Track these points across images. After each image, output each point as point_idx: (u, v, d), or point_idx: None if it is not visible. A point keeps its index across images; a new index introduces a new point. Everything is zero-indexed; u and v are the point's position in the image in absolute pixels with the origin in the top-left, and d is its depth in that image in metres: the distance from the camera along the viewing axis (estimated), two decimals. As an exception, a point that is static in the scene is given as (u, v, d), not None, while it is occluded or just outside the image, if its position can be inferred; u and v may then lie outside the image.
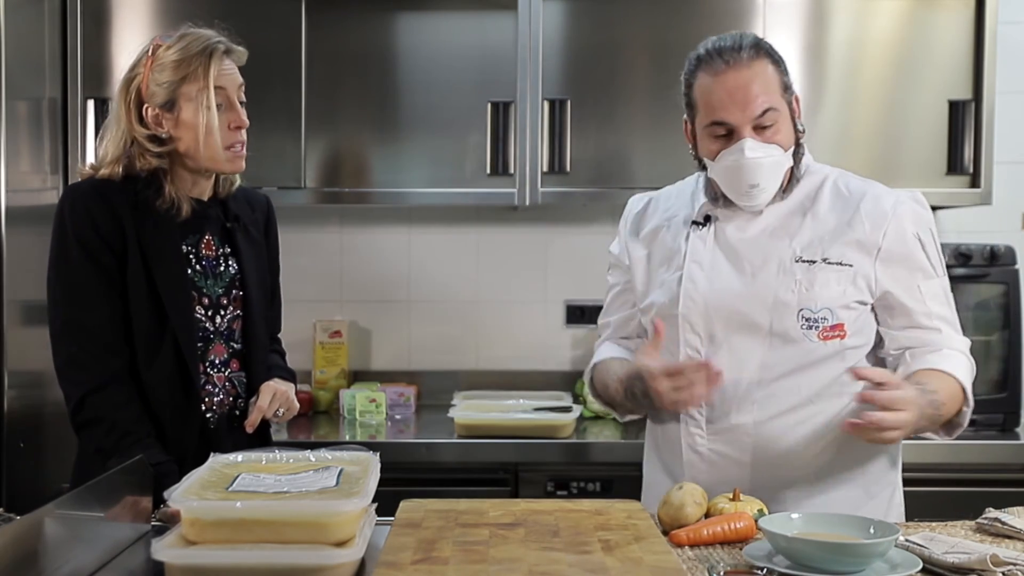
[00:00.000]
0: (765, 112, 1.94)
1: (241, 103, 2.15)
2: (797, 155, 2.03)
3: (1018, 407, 3.02)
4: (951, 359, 1.98)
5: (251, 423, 2.14)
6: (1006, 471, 2.83)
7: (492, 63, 3.12)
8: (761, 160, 1.94)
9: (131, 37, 3.09)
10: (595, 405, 3.22)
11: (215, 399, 2.16)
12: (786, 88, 1.99)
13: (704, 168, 2.04)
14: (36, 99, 2.95)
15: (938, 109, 3.12)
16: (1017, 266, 3.03)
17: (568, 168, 3.13)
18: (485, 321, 3.54)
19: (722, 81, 1.94)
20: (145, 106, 2.10)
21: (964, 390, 1.96)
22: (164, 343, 2.08)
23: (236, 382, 2.19)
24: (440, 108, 3.13)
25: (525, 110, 3.10)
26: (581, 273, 3.53)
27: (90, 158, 3.04)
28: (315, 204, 3.20)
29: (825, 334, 1.97)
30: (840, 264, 1.97)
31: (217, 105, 2.09)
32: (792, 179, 2.03)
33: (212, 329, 2.16)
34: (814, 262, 1.97)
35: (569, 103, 3.11)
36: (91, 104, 3.07)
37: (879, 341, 2.05)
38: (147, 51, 2.12)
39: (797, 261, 1.98)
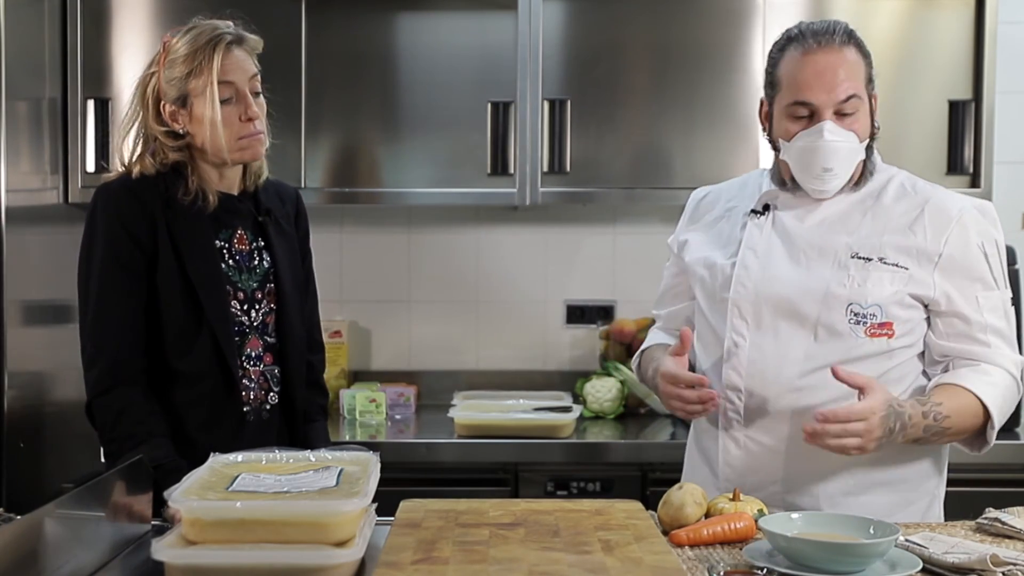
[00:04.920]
0: (849, 99, 1.93)
1: (256, 93, 2.13)
2: (870, 151, 2.01)
3: (1018, 407, 3.01)
4: (983, 376, 1.95)
5: None
6: (1006, 471, 2.83)
7: (492, 63, 3.12)
8: (839, 144, 1.93)
9: (131, 37, 3.09)
10: (595, 405, 3.23)
11: (251, 393, 2.16)
12: (869, 80, 1.98)
13: (776, 150, 2.03)
14: (36, 99, 2.95)
15: (938, 109, 3.12)
16: (1017, 266, 3.02)
17: (568, 168, 3.12)
18: (485, 321, 3.54)
19: (812, 60, 1.94)
20: (162, 103, 2.11)
21: (985, 406, 1.93)
22: (200, 339, 2.09)
23: (269, 376, 2.20)
24: (440, 108, 3.13)
25: (525, 110, 3.10)
26: (581, 273, 3.53)
27: (90, 158, 3.05)
28: (315, 204, 3.19)
29: (872, 331, 1.95)
30: (896, 266, 1.95)
31: (226, 99, 2.08)
32: (864, 173, 2.02)
33: (247, 323, 2.16)
34: (870, 260, 1.96)
35: (569, 103, 3.11)
36: (91, 104, 3.07)
37: (926, 346, 2.01)
38: (160, 48, 2.12)
39: (853, 257, 1.97)
